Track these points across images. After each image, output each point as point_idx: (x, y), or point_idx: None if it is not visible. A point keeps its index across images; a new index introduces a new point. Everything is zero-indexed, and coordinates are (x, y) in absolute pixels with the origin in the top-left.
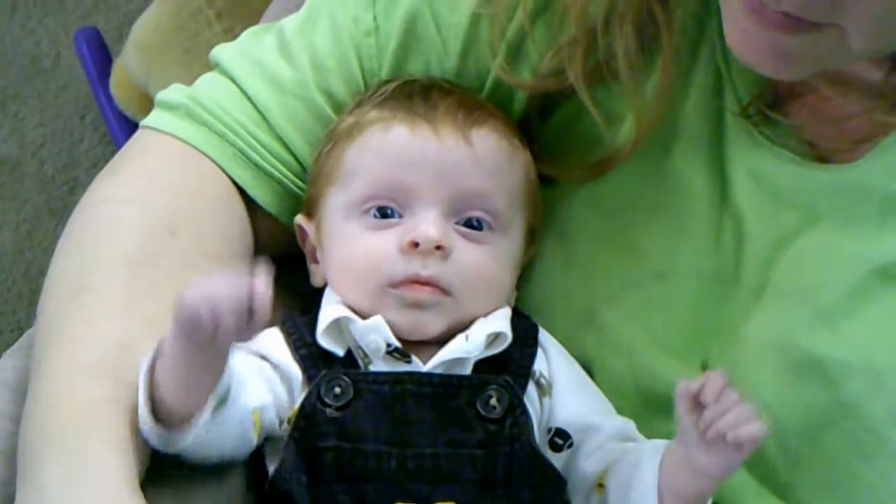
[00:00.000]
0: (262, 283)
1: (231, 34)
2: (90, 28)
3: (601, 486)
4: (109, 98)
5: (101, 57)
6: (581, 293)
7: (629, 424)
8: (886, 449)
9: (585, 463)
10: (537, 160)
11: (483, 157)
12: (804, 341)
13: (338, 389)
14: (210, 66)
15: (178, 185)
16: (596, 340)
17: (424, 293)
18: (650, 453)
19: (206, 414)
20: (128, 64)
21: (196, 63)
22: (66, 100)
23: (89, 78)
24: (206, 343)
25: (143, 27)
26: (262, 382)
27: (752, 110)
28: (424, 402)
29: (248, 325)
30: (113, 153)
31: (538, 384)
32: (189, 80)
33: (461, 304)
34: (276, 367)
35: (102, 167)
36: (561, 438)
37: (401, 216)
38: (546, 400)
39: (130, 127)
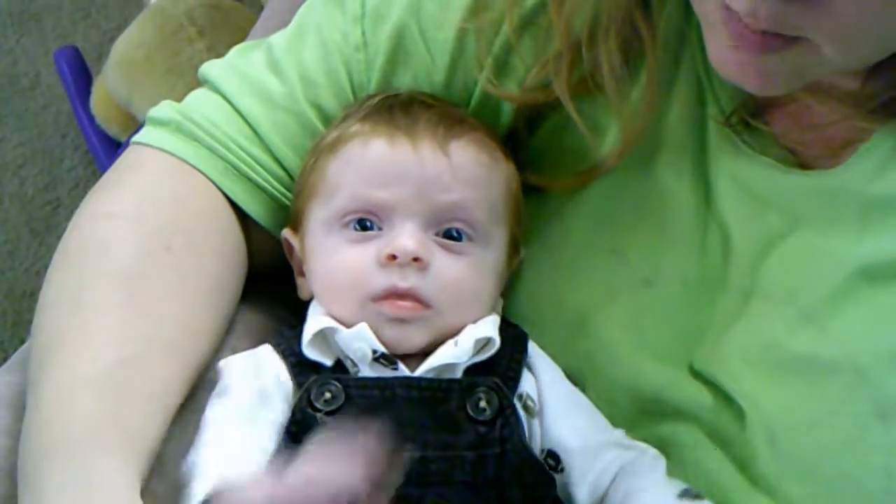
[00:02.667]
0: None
1: (213, 51)
2: (70, 47)
3: None
4: (90, 117)
5: (81, 76)
6: (570, 301)
7: (617, 434)
8: (870, 444)
9: (577, 489)
10: (525, 171)
11: (462, 169)
12: (790, 341)
13: (328, 394)
14: (192, 82)
15: (172, 200)
16: (586, 347)
17: (406, 309)
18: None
19: None
20: (109, 82)
21: (178, 80)
22: (46, 119)
23: (70, 97)
24: None
25: (125, 45)
26: None
27: (734, 119)
28: (414, 407)
29: None
30: (94, 172)
31: (525, 407)
32: (171, 98)
33: (443, 316)
34: (274, 385)
35: (84, 186)
36: (553, 460)
37: (380, 229)
38: (535, 422)
39: (112, 145)
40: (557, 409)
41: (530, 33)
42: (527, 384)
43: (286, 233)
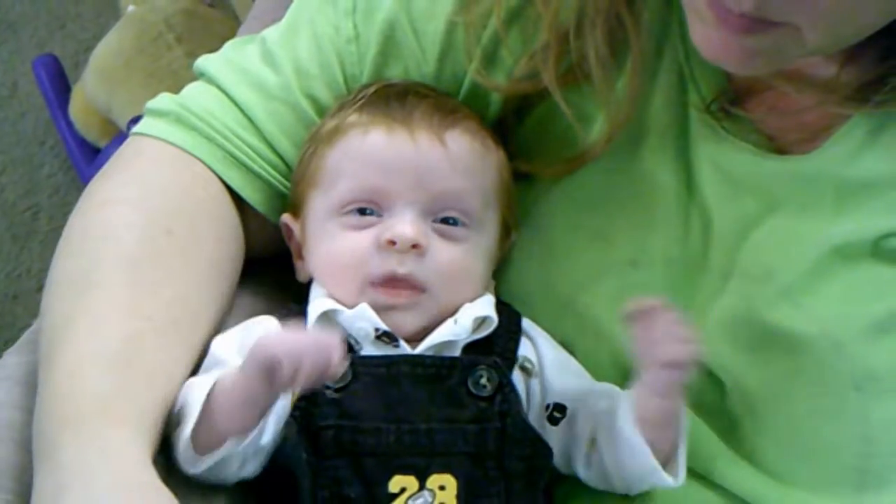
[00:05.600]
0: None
1: (191, 57)
2: (49, 55)
3: (593, 440)
4: (70, 124)
5: (59, 84)
6: (559, 281)
7: (614, 387)
8: (847, 412)
9: (579, 426)
10: (514, 158)
11: (457, 158)
12: (768, 316)
13: None
14: (171, 87)
15: (172, 187)
16: (575, 325)
17: (401, 297)
18: (623, 399)
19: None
20: (89, 89)
21: (159, 86)
22: (24, 127)
23: (49, 104)
24: (278, 386)
25: (104, 53)
26: None
27: (714, 107)
28: (418, 383)
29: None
30: (74, 178)
31: (523, 368)
32: None
33: (437, 299)
34: None
35: (64, 192)
36: (559, 412)
37: (380, 216)
38: (533, 382)
39: (91, 151)
40: (557, 365)
41: (518, 25)
42: (524, 349)
43: (286, 218)
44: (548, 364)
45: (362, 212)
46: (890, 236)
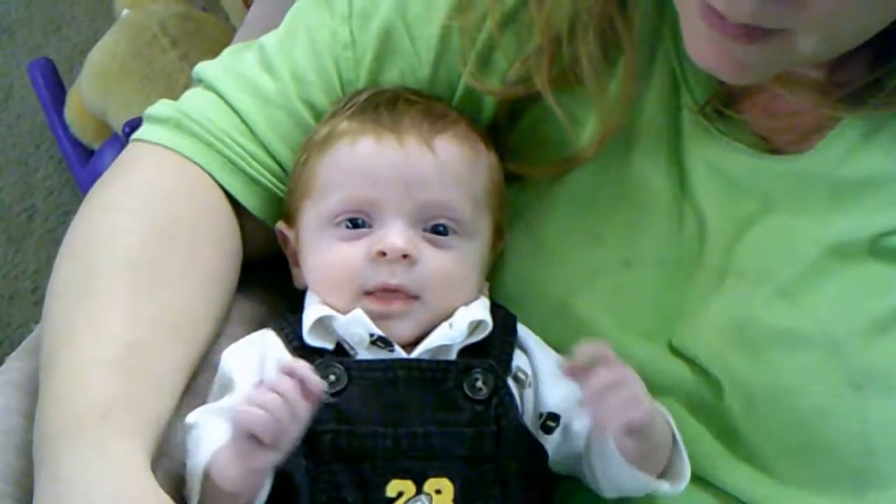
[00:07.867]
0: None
1: (186, 60)
2: (44, 59)
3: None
4: (65, 126)
5: (55, 87)
6: (553, 282)
7: None
8: (845, 412)
9: (574, 438)
10: (507, 160)
11: (447, 166)
12: (765, 316)
13: (332, 377)
14: (165, 90)
15: (172, 193)
16: (569, 326)
17: (394, 307)
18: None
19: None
20: (83, 92)
21: (153, 89)
22: (20, 130)
23: (45, 107)
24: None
25: (100, 56)
26: None
27: (707, 109)
28: (414, 386)
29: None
30: (69, 180)
31: (516, 379)
32: (146, 105)
33: (430, 306)
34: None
35: (59, 194)
36: (553, 420)
37: (370, 226)
38: (526, 392)
39: (85, 153)
40: (552, 375)
41: (512, 30)
42: (518, 360)
43: (281, 226)
44: (542, 375)
45: (353, 223)
46: (887, 235)
